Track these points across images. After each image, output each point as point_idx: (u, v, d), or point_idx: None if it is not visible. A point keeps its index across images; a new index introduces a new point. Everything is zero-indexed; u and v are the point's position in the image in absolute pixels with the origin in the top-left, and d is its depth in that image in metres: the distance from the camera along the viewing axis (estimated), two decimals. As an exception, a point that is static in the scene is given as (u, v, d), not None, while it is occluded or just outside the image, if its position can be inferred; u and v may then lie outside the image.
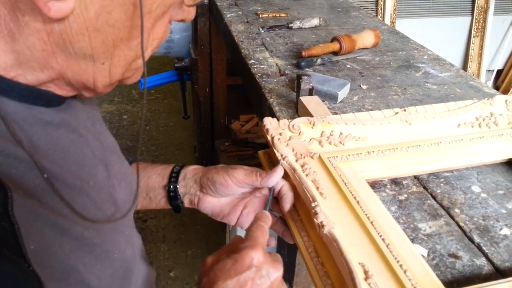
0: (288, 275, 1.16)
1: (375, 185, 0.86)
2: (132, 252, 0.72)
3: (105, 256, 0.62)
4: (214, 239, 2.76)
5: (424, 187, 0.86)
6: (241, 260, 0.64)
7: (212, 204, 0.88)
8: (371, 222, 0.69)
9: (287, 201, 0.80)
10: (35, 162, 0.53)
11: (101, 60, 0.58)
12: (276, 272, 0.65)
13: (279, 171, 0.81)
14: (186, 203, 0.91)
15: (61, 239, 0.55)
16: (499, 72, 4.15)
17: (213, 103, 2.73)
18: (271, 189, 0.81)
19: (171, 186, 0.89)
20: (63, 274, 0.54)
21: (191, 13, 0.65)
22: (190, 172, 0.90)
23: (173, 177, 0.90)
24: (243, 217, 0.88)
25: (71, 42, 0.54)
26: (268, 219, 0.72)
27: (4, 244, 0.47)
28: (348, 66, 1.39)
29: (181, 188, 0.90)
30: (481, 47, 3.85)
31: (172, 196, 0.90)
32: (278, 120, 0.88)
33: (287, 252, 1.16)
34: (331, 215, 0.70)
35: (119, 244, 0.67)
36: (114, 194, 0.70)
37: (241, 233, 1.69)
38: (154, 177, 0.92)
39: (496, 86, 4.19)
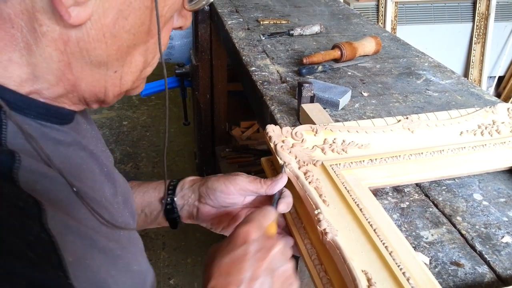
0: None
1: (377, 192, 0.86)
2: (145, 264, 0.71)
3: (127, 269, 0.62)
4: (215, 246, 2.75)
5: (426, 195, 0.86)
6: (235, 237, 0.64)
7: (211, 215, 0.87)
8: (374, 230, 0.69)
9: (284, 203, 0.79)
10: (64, 177, 0.53)
11: (114, 68, 0.58)
12: (275, 245, 0.64)
13: (284, 178, 0.80)
14: (184, 217, 0.89)
15: (92, 251, 0.55)
16: (500, 79, 4.16)
17: (213, 109, 2.74)
18: (275, 195, 0.80)
19: (168, 199, 0.88)
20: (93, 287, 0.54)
21: (188, 20, 0.66)
22: (188, 182, 0.89)
23: (170, 189, 0.89)
24: None
25: (88, 50, 0.54)
26: (271, 213, 0.71)
27: (46, 258, 0.47)
28: (349, 73, 1.39)
29: (179, 200, 0.88)
30: (482, 54, 3.86)
31: (169, 209, 0.88)
32: (280, 127, 0.89)
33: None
34: (334, 222, 0.70)
35: (136, 256, 0.67)
36: (121, 210, 0.70)
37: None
38: (150, 192, 0.90)
39: (498, 93, 4.19)
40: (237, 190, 0.82)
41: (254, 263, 0.62)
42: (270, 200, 0.81)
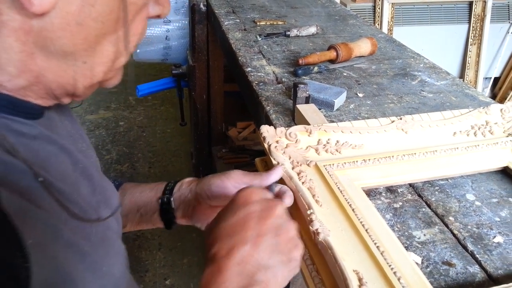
0: (284, 282, 1.16)
1: (370, 193, 0.86)
2: (119, 269, 0.68)
3: (94, 267, 0.59)
4: (211, 246, 2.75)
5: (419, 195, 0.87)
6: (237, 199, 0.65)
7: (207, 214, 0.87)
8: (366, 230, 0.69)
9: (288, 196, 0.78)
10: (28, 166, 0.51)
11: (83, 58, 0.55)
12: (277, 204, 0.65)
13: (279, 170, 0.81)
14: (179, 217, 0.89)
15: (54, 240, 0.53)
16: (496, 80, 4.17)
17: (210, 110, 2.74)
18: (270, 189, 0.80)
19: (165, 198, 0.88)
20: (57, 279, 0.52)
21: (166, 7, 0.63)
22: (186, 183, 0.89)
23: (168, 190, 0.89)
24: None
25: (52, 40, 0.52)
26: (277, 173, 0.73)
27: (2, 237, 0.45)
28: (345, 74, 1.40)
29: (175, 200, 0.88)
30: (478, 55, 3.87)
31: (165, 209, 0.88)
32: (275, 128, 0.89)
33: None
34: (326, 222, 0.70)
35: (109, 258, 0.64)
36: (99, 209, 0.67)
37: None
38: (147, 192, 0.90)
39: (493, 94, 4.20)
40: (231, 183, 0.82)
41: (258, 221, 0.62)
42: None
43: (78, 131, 0.73)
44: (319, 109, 1.10)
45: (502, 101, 4.02)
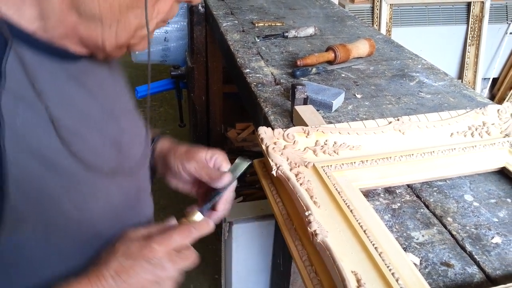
0: (284, 284, 1.16)
1: (368, 194, 0.86)
2: (122, 200, 0.75)
3: (91, 197, 0.68)
4: (210, 248, 2.75)
5: (417, 196, 0.87)
6: (137, 246, 0.67)
7: (175, 181, 0.93)
8: (364, 231, 0.69)
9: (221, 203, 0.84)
10: (40, 100, 0.60)
11: (108, 23, 0.63)
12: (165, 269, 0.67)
13: (224, 180, 0.83)
14: (159, 172, 0.96)
15: (40, 166, 0.60)
16: (494, 81, 4.18)
17: (209, 111, 2.74)
18: (216, 192, 0.83)
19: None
20: (37, 198, 0.61)
21: None
22: (160, 149, 0.96)
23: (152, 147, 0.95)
24: (200, 191, 0.91)
25: (84, 2, 0.60)
26: (203, 228, 0.74)
27: None
28: (343, 75, 1.40)
29: (155, 156, 0.95)
30: (476, 56, 3.87)
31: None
32: (272, 129, 0.89)
33: (282, 261, 1.17)
34: (324, 223, 0.70)
35: (110, 191, 0.72)
36: (123, 150, 0.75)
37: (237, 243, 1.68)
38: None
39: (492, 94, 4.21)
40: (186, 173, 0.88)
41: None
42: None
43: (115, 77, 0.82)
44: (318, 110, 1.10)
45: (500, 101, 4.02)
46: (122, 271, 0.64)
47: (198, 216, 0.77)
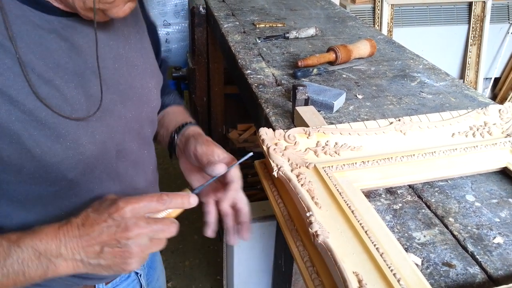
0: (285, 285, 1.16)
1: (370, 194, 0.86)
2: (93, 150, 0.78)
3: (55, 140, 0.71)
4: (212, 249, 2.75)
5: (419, 196, 0.87)
6: (106, 200, 0.70)
7: (185, 164, 0.97)
8: (366, 232, 0.69)
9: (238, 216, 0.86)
10: (13, 44, 0.66)
11: None
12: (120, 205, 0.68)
13: (216, 168, 0.83)
14: (178, 153, 1.00)
15: (8, 106, 0.66)
16: (496, 80, 4.17)
17: (210, 112, 2.74)
18: (211, 178, 0.83)
19: (173, 134, 1.01)
20: (4, 137, 0.67)
21: None
22: (189, 131, 0.99)
23: (179, 129, 1.01)
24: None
25: None
26: (178, 198, 0.74)
27: None
28: (344, 76, 1.40)
29: (178, 140, 1.00)
30: (478, 55, 3.87)
31: (171, 142, 1.01)
32: (274, 130, 0.89)
33: (284, 262, 1.17)
34: (325, 224, 0.70)
35: (78, 138, 0.75)
36: (103, 107, 0.78)
37: (238, 245, 1.69)
38: (172, 123, 1.03)
39: (494, 94, 4.21)
40: (193, 157, 0.90)
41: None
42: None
43: (124, 41, 0.86)
44: (319, 111, 1.10)
45: (502, 101, 4.02)
46: (86, 222, 0.67)
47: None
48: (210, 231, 0.88)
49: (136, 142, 0.90)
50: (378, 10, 3.57)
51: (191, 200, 0.74)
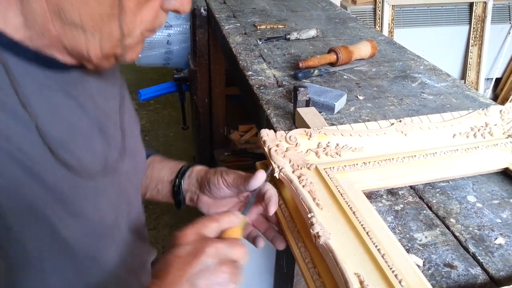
0: (287, 286, 1.16)
1: (371, 195, 0.86)
2: (113, 218, 0.74)
3: (80, 214, 0.66)
4: (214, 250, 2.75)
5: (420, 197, 0.87)
6: (171, 241, 0.65)
7: (209, 203, 0.94)
8: (367, 233, 0.69)
9: (271, 204, 0.81)
10: (27, 110, 0.59)
11: (91, 32, 0.61)
12: (209, 244, 0.63)
13: (259, 176, 0.82)
14: (187, 200, 0.96)
15: (32, 182, 0.60)
16: (498, 81, 4.17)
17: (212, 113, 2.74)
18: (253, 193, 0.83)
19: (177, 182, 0.95)
20: (31, 217, 0.60)
21: (185, 5, 0.67)
22: (195, 171, 0.96)
23: (180, 174, 0.96)
24: None
25: (64, 10, 0.58)
26: (231, 218, 0.70)
27: None
28: (345, 77, 1.40)
29: (185, 185, 0.95)
30: (479, 56, 3.86)
31: (176, 191, 0.96)
32: (275, 131, 0.89)
33: (285, 263, 1.17)
34: (327, 225, 0.71)
35: (99, 206, 0.70)
36: (113, 165, 0.75)
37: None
38: (165, 171, 0.98)
39: (495, 95, 4.20)
40: (225, 185, 0.87)
41: (182, 265, 0.61)
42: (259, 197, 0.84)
43: (111, 89, 0.81)
44: (320, 112, 1.10)
45: (504, 102, 4.01)
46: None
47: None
48: (262, 242, 0.87)
49: (137, 196, 0.87)
50: (379, 11, 3.57)
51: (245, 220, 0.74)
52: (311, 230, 0.69)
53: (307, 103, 1.08)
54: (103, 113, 0.75)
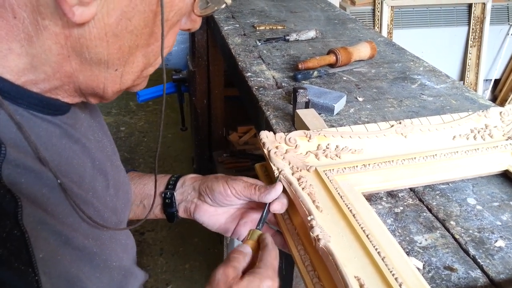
0: (286, 288, 1.16)
1: (371, 197, 0.86)
2: (128, 260, 0.73)
3: (104, 265, 0.64)
4: (212, 252, 2.75)
5: (420, 200, 0.87)
6: (212, 280, 0.66)
7: (209, 213, 0.89)
8: (367, 235, 0.69)
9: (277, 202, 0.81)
10: (50, 170, 0.55)
11: (115, 66, 0.58)
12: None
13: (278, 188, 0.81)
14: (181, 212, 0.91)
15: (65, 248, 0.56)
16: (496, 82, 4.17)
17: (210, 114, 2.74)
18: (266, 204, 0.81)
19: (168, 193, 0.90)
20: (67, 283, 0.55)
21: (197, 23, 0.66)
22: (189, 180, 0.91)
23: (171, 184, 0.91)
24: (239, 227, 0.89)
25: (88, 47, 0.55)
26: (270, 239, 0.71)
27: (16, 254, 0.48)
28: (345, 78, 1.40)
29: (178, 195, 0.90)
30: (478, 57, 3.87)
31: (168, 203, 0.90)
32: (274, 133, 0.89)
33: (284, 266, 1.17)
34: (327, 228, 0.70)
35: (117, 252, 0.68)
36: (112, 203, 0.71)
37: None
38: (151, 185, 0.91)
39: (494, 96, 4.21)
40: (233, 193, 0.84)
41: None
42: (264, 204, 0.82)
43: (96, 117, 0.77)
44: (319, 113, 1.10)
45: (503, 103, 4.02)
46: None
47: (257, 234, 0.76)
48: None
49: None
50: (378, 12, 3.57)
51: (269, 239, 0.73)
52: (311, 233, 0.68)
53: (307, 105, 1.08)
54: (98, 148, 0.72)
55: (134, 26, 0.56)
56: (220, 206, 0.88)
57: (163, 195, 0.90)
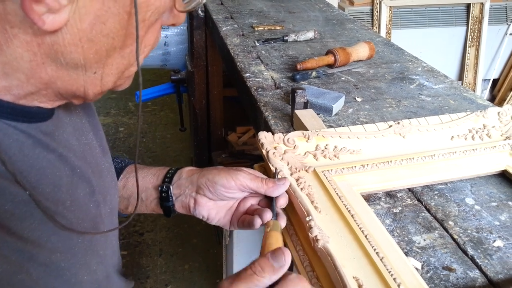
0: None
1: (369, 198, 0.86)
2: (103, 271, 0.71)
3: (75, 280, 0.63)
4: (212, 253, 2.75)
5: (419, 200, 0.87)
6: None
7: (208, 207, 0.86)
8: (366, 236, 0.69)
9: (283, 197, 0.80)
10: (18, 182, 0.53)
11: (93, 69, 0.57)
12: None
13: (286, 183, 0.79)
14: (178, 206, 0.88)
15: (28, 265, 0.55)
16: (495, 82, 4.18)
17: (209, 115, 2.74)
18: (273, 198, 0.80)
19: (164, 186, 0.87)
20: None
21: (181, 18, 0.64)
22: (186, 173, 0.88)
23: (168, 178, 0.88)
24: (240, 221, 0.86)
25: (63, 53, 0.53)
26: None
27: None
28: (343, 78, 1.40)
29: (175, 189, 0.87)
30: (476, 57, 3.87)
31: (164, 197, 0.87)
32: (273, 133, 0.89)
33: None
34: (325, 229, 0.70)
35: (90, 265, 0.67)
36: (97, 210, 0.70)
37: (238, 247, 1.67)
38: (149, 178, 0.90)
39: (493, 96, 4.21)
40: (237, 185, 0.81)
41: None
42: (268, 197, 0.81)
43: (88, 118, 0.75)
44: (318, 114, 1.10)
45: (501, 102, 4.02)
46: None
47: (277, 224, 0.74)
48: (258, 221, 0.80)
49: (115, 233, 0.82)
50: (377, 12, 3.57)
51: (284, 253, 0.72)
52: (310, 234, 0.68)
53: (305, 105, 1.08)
54: (82, 153, 0.70)
55: (109, 29, 0.54)
56: (220, 199, 0.85)
57: (159, 188, 0.88)
